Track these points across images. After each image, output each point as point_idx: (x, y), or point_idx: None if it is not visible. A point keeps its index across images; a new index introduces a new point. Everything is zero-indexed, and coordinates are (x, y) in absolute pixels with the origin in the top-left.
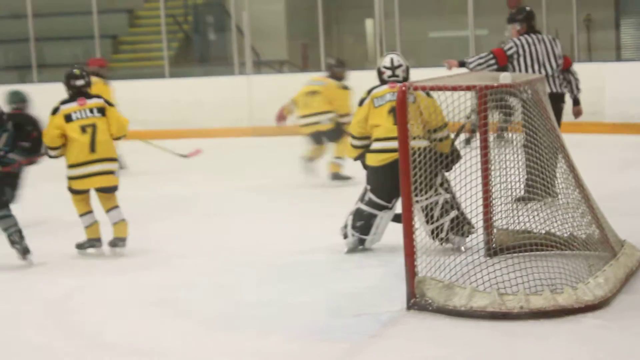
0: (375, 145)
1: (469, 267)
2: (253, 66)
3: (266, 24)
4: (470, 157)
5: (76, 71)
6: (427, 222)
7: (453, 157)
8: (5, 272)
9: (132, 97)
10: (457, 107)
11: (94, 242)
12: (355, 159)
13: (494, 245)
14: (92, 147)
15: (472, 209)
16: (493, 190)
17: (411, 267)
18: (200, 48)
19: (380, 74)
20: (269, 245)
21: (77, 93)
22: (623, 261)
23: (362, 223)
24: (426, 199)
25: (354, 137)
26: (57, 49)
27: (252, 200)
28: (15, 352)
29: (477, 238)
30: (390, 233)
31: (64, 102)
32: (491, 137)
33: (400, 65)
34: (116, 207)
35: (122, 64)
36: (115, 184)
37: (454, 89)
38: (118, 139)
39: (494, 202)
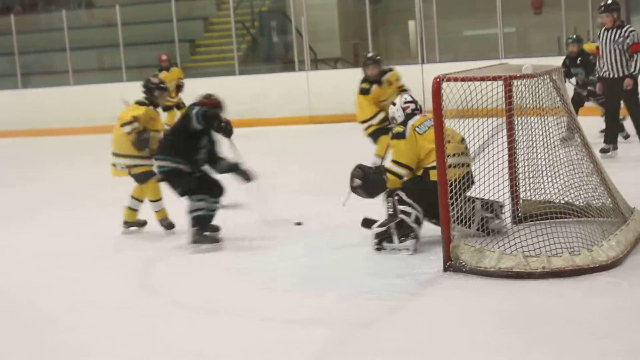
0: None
1: (498, 234)
2: (311, 63)
3: (322, 27)
4: (498, 137)
5: None
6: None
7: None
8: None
9: (206, 92)
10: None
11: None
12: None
13: (519, 214)
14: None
15: (500, 182)
16: (518, 165)
17: (447, 234)
18: (265, 49)
19: (404, 110)
20: (322, 216)
21: None
22: (633, 226)
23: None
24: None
25: (402, 166)
26: (142, 53)
27: (309, 178)
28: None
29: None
30: None
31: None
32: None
33: (417, 100)
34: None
35: (198, 64)
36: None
37: (482, 79)
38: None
39: (519, 176)
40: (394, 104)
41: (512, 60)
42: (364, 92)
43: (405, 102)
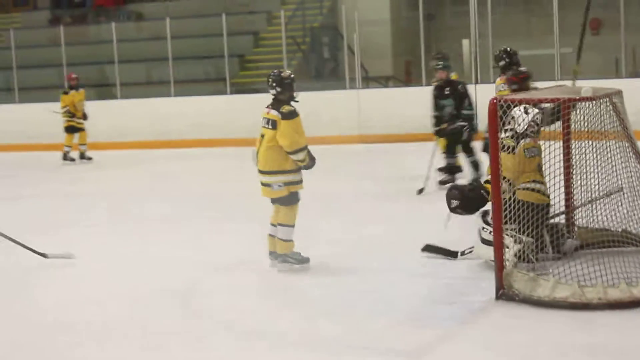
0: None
1: (552, 262)
2: (362, 81)
3: (374, 44)
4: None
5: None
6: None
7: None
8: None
9: (256, 109)
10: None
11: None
12: None
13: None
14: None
15: (556, 209)
16: (574, 192)
17: (500, 260)
18: (316, 65)
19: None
20: (374, 237)
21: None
22: None
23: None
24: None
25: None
26: (191, 67)
27: (361, 197)
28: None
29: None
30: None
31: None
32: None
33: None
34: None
35: (247, 79)
36: (272, 195)
37: (540, 101)
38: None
39: (575, 203)
40: (526, 112)
41: (569, 82)
42: None
43: (534, 119)
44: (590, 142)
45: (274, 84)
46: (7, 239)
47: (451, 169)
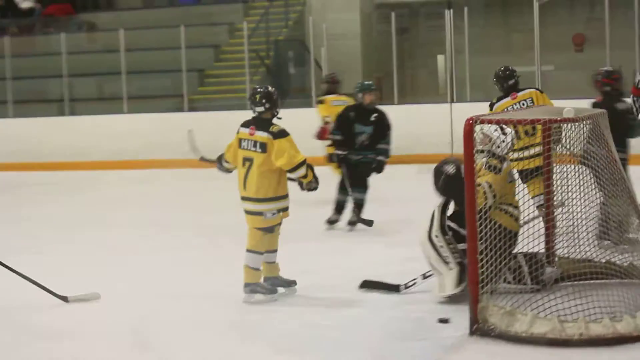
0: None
1: (531, 294)
2: None
3: (343, 59)
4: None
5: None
6: (515, 281)
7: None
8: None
9: (215, 126)
10: None
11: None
12: None
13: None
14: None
15: (534, 237)
16: (555, 219)
17: (474, 294)
18: (281, 81)
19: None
20: (340, 269)
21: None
22: None
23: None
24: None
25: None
26: (146, 82)
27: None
28: None
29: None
30: None
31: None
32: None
33: None
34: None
35: (207, 95)
36: (263, 225)
37: (519, 122)
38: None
39: (556, 231)
40: (503, 132)
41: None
42: None
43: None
44: (573, 167)
45: (263, 100)
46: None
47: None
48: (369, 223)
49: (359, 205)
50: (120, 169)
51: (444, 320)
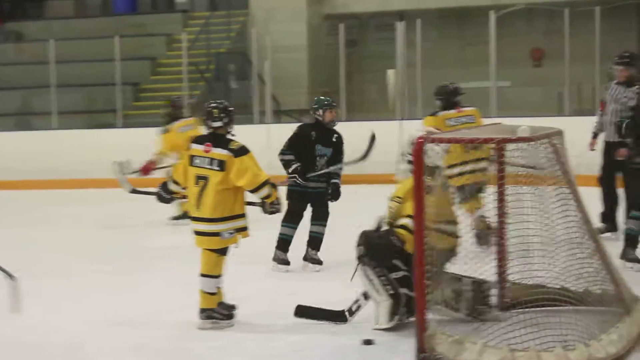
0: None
1: (481, 322)
2: (273, 115)
3: (288, 73)
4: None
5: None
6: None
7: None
8: None
9: (150, 144)
10: None
11: None
12: None
13: (506, 299)
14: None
15: (485, 262)
16: (508, 242)
17: (421, 322)
18: (222, 96)
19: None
20: (284, 295)
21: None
22: (638, 318)
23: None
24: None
25: None
26: (77, 95)
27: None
28: None
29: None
30: None
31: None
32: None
33: None
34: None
35: (142, 111)
36: (219, 246)
37: (472, 141)
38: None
39: (508, 255)
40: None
41: (506, 120)
42: None
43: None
44: (527, 188)
45: (221, 115)
46: None
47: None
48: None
49: (318, 241)
50: (49, 189)
51: (368, 342)
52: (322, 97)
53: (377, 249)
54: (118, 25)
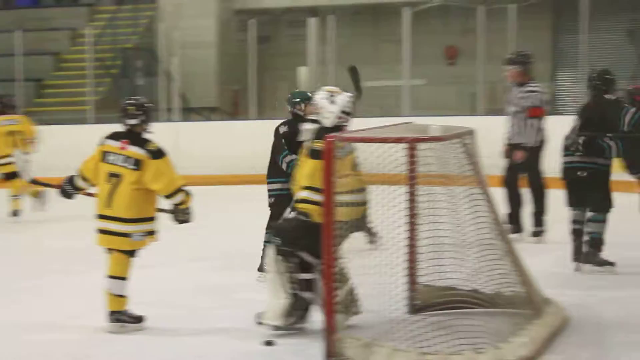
0: (346, 199)
1: (390, 325)
2: (182, 113)
3: (197, 70)
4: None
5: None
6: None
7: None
8: None
9: (54, 142)
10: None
11: None
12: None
13: (417, 301)
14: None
15: (396, 263)
16: (419, 244)
17: (329, 325)
18: (128, 93)
19: (337, 118)
20: (189, 298)
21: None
22: (548, 320)
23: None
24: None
25: (319, 192)
26: None
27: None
28: None
29: (399, 294)
30: None
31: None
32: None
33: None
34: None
35: (45, 108)
36: (128, 247)
37: (383, 141)
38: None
39: (419, 256)
40: (332, 101)
41: (419, 119)
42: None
43: (344, 112)
44: (438, 188)
45: (138, 112)
46: None
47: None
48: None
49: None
50: None
51: (269, 343)
52: (300, 90)
53: (288, 231)
54: (20, 19)
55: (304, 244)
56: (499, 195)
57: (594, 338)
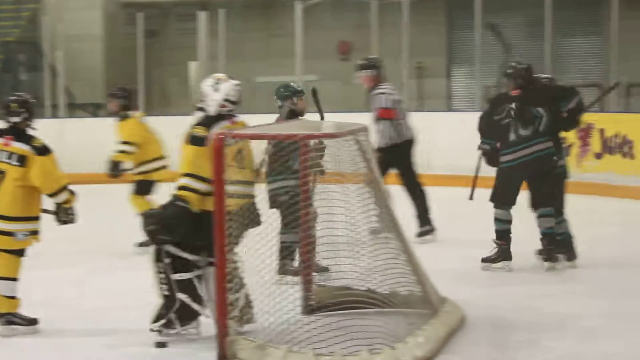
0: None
1: (285, 326)
2: (67, 109)
3: (82, 64)
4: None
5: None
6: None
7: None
8: None
9: None
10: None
11: None
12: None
13: (312, 302)
14: None
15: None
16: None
17: (223, 326)
18: (10, 88)
19: (220, 106)
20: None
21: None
22: (444, 319)
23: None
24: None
25: (203, 180)
26: None
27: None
28: None
29: (294, 294)
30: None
31: None
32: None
33: (240, 100)
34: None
35: None
36: (11, 247)
37: (274, 138)
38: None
39: (313, 256)
40: (215, 88)
41: (312, 115)
42: None
43: (228, 100)
44: (332, 186)
45: (20, 110)
46: None
47: None
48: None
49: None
50: None
51: (160, 345)
52: (290, 84)
53: (164, 217)
54: None
55: (180, 232)
56: (395, 193)
57: (490, 336)
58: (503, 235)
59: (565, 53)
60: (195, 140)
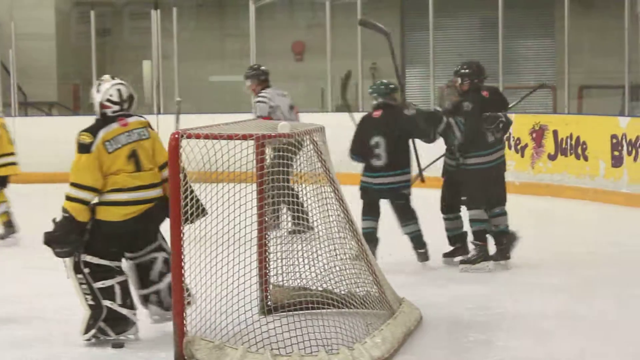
0: (117, 197)
1: (242, 326)
2: (19, 108)
3: (35, 63)
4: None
5: None
6: (142, 284)
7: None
8: None
9: None
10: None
11: None
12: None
13: (268, 302)
14: None
15: (246, 263)
16: (270, 243)
17: (180, 326)
18: None
19: (102, 108)
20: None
21: None
22: (401, 320)
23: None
24: (145, 254)
25: (86, 189)
26: None
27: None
28: None
29: (250, 295)
30: None
31: None
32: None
33: (130, 97)
34: None
35: None
36: None
37: (230, 137)
38: None
39: (270, 256)
40: (97, 89)
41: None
42: None
43: (110, 101)
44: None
45: None
46: None
47: None
48: None
49: None
50: None
51: (117, 345)
52: (383, 81)
53: (53, 234)
54: None
55: (72, 243)
56: (351, 193)
57: (448, 337)
58: (481, 236)
59: (517, 55)
60: (80, 148)
